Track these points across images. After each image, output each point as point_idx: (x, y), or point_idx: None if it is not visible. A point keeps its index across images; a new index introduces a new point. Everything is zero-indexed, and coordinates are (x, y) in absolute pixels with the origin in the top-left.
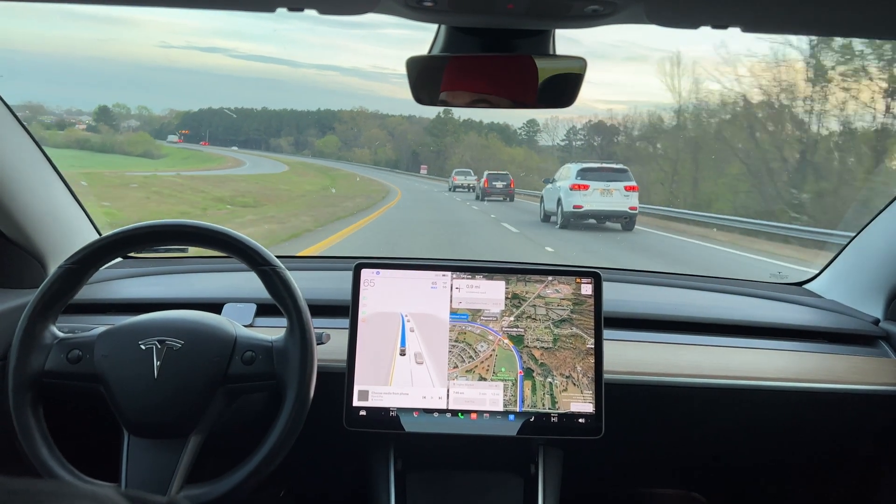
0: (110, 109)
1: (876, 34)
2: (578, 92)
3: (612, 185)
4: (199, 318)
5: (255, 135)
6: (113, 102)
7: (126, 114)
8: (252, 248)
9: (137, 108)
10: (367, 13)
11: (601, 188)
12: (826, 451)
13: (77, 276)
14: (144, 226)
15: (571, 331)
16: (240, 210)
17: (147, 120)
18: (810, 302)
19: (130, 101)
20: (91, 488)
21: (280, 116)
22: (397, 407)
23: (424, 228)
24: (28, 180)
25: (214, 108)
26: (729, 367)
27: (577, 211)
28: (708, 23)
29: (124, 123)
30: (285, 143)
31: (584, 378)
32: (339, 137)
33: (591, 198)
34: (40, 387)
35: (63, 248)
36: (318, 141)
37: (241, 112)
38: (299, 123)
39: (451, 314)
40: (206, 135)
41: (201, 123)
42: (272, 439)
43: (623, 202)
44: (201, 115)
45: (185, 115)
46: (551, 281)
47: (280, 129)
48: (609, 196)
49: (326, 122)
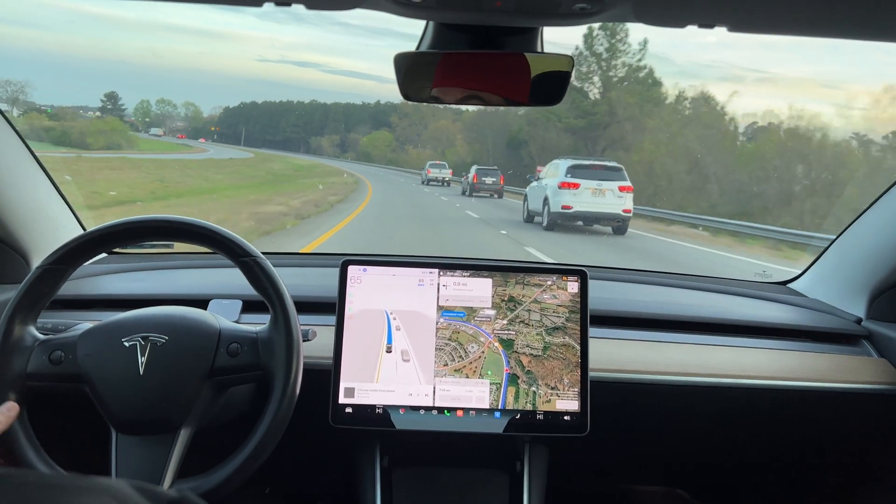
0: (150, 104)
1: (864, 35)
2: (566, 89)
3: (604, 184)
4: (183, 313)
5: (294, 132)
6: (158, 98)
7: (169, 113)
8: (232, 240)
9: (184, 103)
10: (355, 8)
11: (592, 187)
12: (808, 449)
13: (56, 275)
14: (122, 222)
15: (563, 340)
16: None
17: (193, 117)
18: (794, 301)
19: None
20: (105, 481)
21: (325, 110)
22: (383, 404)
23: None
24: (10, 175)
25: (259, 102)
26: (713, 364)
27: (566, 212)
28: (694, 22)
29: (169, 121)
30: (328, 144)
31: (569, 390)
32: (394, 134)
33: (582, 198)
34: (24, 389)
35: (46, 244)
36: (364, 138)
37: (282, 106)
38: (349, 119)
39: (445, 312)
40: (243, 131)
41: (239, 120)
42: (261, 430)
43: (616, 204)
44: (242, 109)
45: (226, 110)
46: (550, 286)
47: (324, 126)
48: (601, 196)
49: (382, 117)
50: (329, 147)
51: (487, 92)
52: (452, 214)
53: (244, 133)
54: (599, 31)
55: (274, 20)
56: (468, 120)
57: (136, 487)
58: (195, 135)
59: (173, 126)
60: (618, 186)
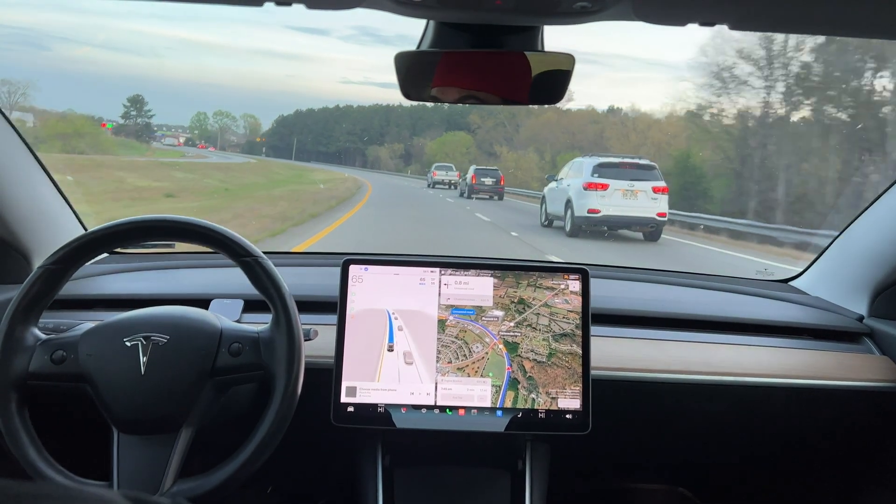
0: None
1: (865, 33)
2: (567, 87)
3: (636, 184)
4: (184, 313)
5: (349, 141)
6: (215, 110)
7: (227, 125)
8: (233, 239)
9: (243, 115)
10: (355, 8)
11: (623, 188)
12: (810, 447)
13: (57, 275)
14: (124, 222)
15: (570, 348)
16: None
17: (252, 129)
18: (795, 299)
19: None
20: (97, 491)
21: (387, 113)
22: (385, 403)
23: None
24: (12, 176)
25: (316, 109)
26: (715, 363)
27: (593, 216)
28: (695, 20)
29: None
30: (387, 155)
31: (570, 401)
32: (475, 137)
33: (611, 200)
34: (25, 389)
35: (48, 244)
36: (431, 143)
37: (337, 112)
38: (416, 122)
39: (455, 310)
40: (294, 142)
41: (293, 129)
42: (262, 430)
43: (650, 207)
44: (297, 117)
45: (280, 120)
46: (563, 290)
47: (385, 132)
48: (633, 199)
49: (457, 118)
50: (388, 159)
51: (488, 91)
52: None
53: (295, 144)
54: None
55: (357, 42)
56: (581, 120)
57: (129, 497)
58: (250, 149)
59: (229, 139)
60: (652, 187)
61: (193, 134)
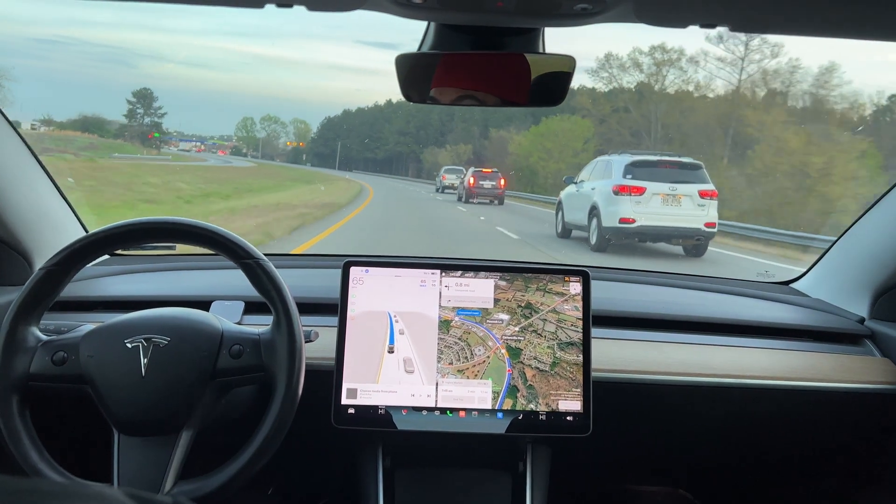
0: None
1: (867, 35)
2: (567, 90)
3: (679, 187)
4: (185, 315)
5: (401, 144)
6: (263, 115)
7: (275, 131)
8: (234, 241)
9: (293, 120)
10: (356, 10)
11: (663, 193)
12: (811, 449)
13: (58, 277)
14: (125, 224)
15: (575, 358)
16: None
17: (300, 134)
18: (796, 301)
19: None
20: (98, 488)
21: (451, 111)
22: (386, 405)
23: None
24: (13, 177)
25: (365, 107)
26: (716, 365)
27: (626, 227)
28: (697, 22)
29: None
30: (449, 160)
31: (571, 404)
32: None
33: (648, 207)
34: (26, 390)
35: (49, 245)
36: (516, 137)
37: (388, 108)
38: (492, 115)
39: (461, 311)
40: (338, 148)
41: (339, 133)
42: (263, 432)
43: (696, 216)
44: (345, 118)
45: (326, 122)
46: (574, 295)
47: (445, 132)
48: (675, 205)
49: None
50: (451, 162)
51: (488, 93)
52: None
53: (339, 150)
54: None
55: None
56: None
57: (131, 495)
58: (294, 157)
59: (276, 146)
60: (698, 191)
61: (239, 141)
